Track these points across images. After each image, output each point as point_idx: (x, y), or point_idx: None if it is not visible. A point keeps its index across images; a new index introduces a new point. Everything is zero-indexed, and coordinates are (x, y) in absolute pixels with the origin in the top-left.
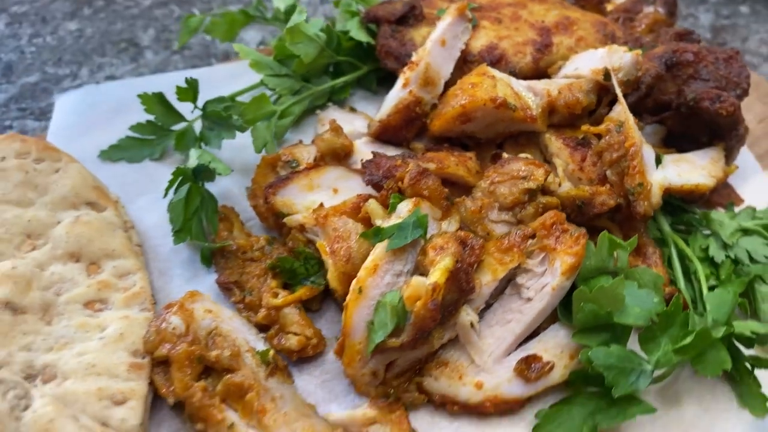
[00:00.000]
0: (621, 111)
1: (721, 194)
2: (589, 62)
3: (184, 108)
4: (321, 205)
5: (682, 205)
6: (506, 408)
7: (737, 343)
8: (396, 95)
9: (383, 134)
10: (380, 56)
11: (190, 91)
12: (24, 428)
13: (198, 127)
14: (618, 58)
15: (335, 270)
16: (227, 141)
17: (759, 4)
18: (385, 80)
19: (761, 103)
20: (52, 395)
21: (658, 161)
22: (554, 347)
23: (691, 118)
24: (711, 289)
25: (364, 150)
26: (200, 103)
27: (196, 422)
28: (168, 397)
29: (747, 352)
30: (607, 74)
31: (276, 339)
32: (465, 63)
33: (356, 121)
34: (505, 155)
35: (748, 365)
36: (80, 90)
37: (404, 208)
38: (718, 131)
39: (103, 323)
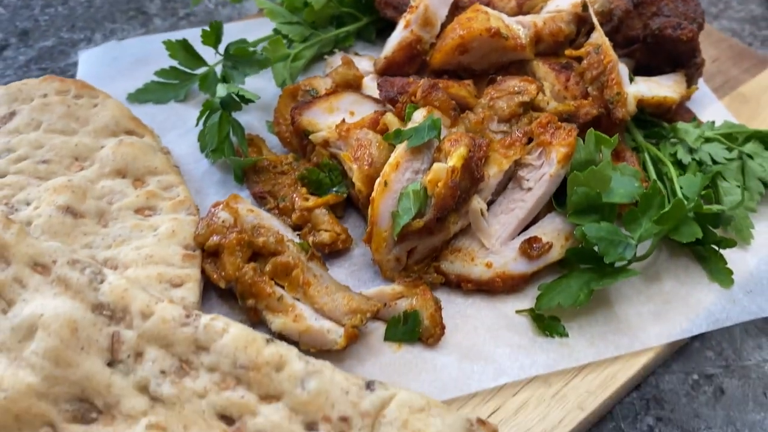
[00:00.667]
0: (598, 36)
1: (685, 118)
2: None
3: (206, 55)
4: (343, 120)
5: (652, 120)
6: (513, 284)
7: (708, 227)
8: (399, 35)
9: (388, 70)
10: (379, 7)
11: (213, 34)
12: (102, 297)
13: (219, 71)
14: None
15: (360, 173)
16: (246, 84)
17: None
18: (383, 32)
19: (713, 48)
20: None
21: (631, 79)
22: (552, 231)
23: (656, 48)
24: None
25: (371, 85)
26: (221, 49)
27: (248, 298)
28: (219, 282)
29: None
30: (584, 5)
31: (310, 236)
32: (457, 9)
33: (362, 63)
34: (500, 78)
35: (715, 247)
36: (102, 46)
37: (419, 115)
38: (679, 59)
39: (155, 224)
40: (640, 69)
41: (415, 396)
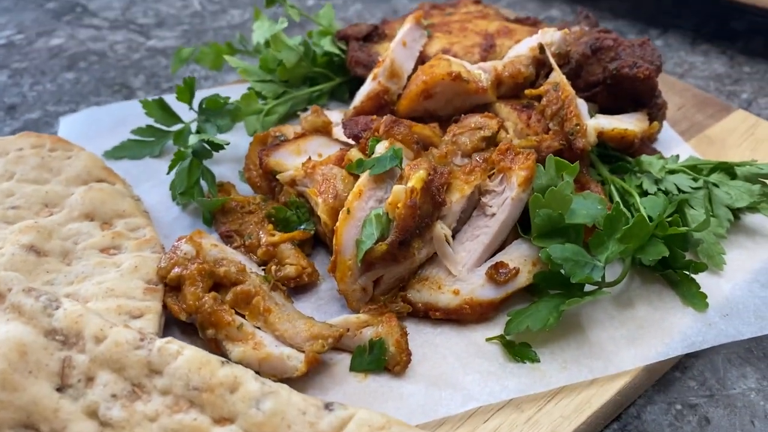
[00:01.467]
0: (556, 75)
1: (649, 154)
2: (526, 45)
3: (182, 113)
4: (309, 158)
5: (617, 155)
6: (481, 311)
7: (676, 249)
8: (367, 86)
9: None
10: (350, 66)
11: (187, 90)
12: (56, 322)
13: (194, 128)
14: (549, 35)
15: (325, 206)
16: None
17: (670, 38)
18: (356, 91)
19: (678, 96)
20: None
21: (591, 114)
22: (518, 257)
23: (616, 89)
24: None
25: (340, 133)
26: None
27: (208, 328)
28: (180, 315)
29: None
30: (541, 48)
31: (275, 271)
32: (423, 63)
33: (332, 115)
34: (462, 116)
35: (686, 272)
36: (83, 111)
37: (382, 146)
38: (640, 99)
39: (118, 261)
40: (604, 113)
41: (375, 415)
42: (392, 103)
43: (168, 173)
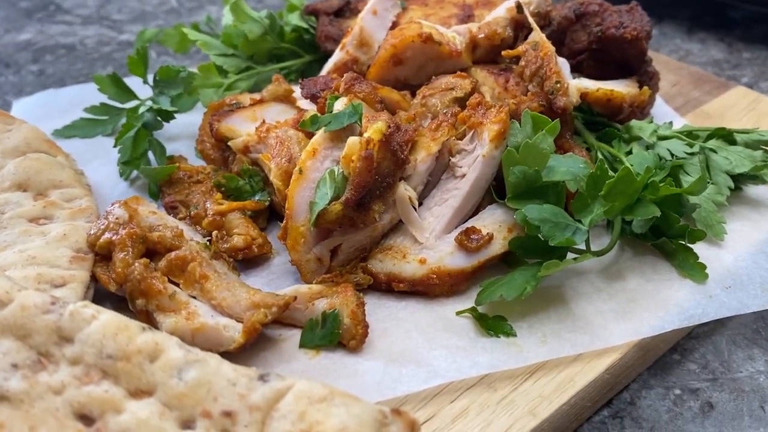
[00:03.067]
0: (535, 35)
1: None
2: (503, 6)
3: (138, 90)
4: (263, 122)
5: (604, 122)
6: (451, 282)
7: (670, 213)
8: (335, 57)
9: None
10: (320, 41)
11: (140, 62)
12: None
13: (148, 105)
14: None
15: (277, 169)
16: (176, 119)
17: (666, 27)
18: None
19: (673, 74)
20: None
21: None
22: (492, 222)
23: (603, 56)
24: None
25: (306, 107)
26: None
27: (137, 298)
28: (109, 285)
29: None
30: (519, 6)
31: (221, 242)
32: None
33: (298, 89)
34: (433, 77)
35: (683, 242)
36: (37, 94)
37: (341, 102)
38: (628, 65)
39: (46, 230)
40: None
41: (316, 385)
42: (362, 74)
43: (115, 146)
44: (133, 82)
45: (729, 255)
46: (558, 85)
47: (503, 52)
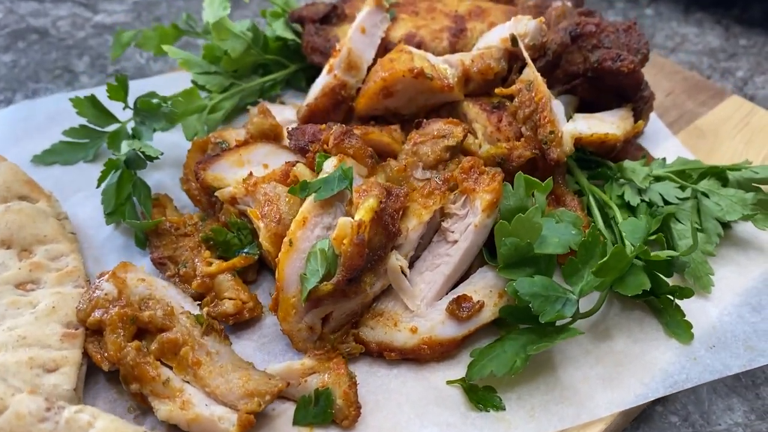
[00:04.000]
0: (530, 72)
1: (635, 156)
2: (497, 34)
3: (117, 112)
4: (251, 174)
5: (597, 160)
6: (442, 350)
7: (659, 276)
8: (322, 80)
9: (311, 118)
10: (306, 52)
11: (120, 89)
12: None
13: (131, 128)
14: (523, 25)
15: (267, 231)
16: (160, 139)
17: (662, 6)
18: (314, 79)
19: (667, 80)
20: None
21: (569, 116)
22: (483, 288)
23: (598, 83)
24: None
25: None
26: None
27: (131, 383)
28: (102, 364)
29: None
30: (514, 39)
31: (212, 306)
32: (386, 51)
33: (285, 111)
34: (425, 121)
35: (671, 297)
36: (12, 107)
37: (330, 164)
38: (624, 94)
39: (34, 300)
40: (585, 105)
41: None
42: (350, 98)
43: (98, 186)
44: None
45: (715, 309)
46: (552, 136)
47: (497, 90)
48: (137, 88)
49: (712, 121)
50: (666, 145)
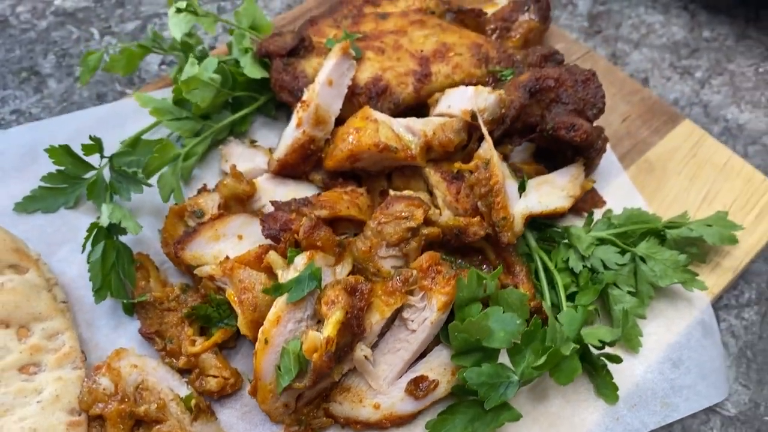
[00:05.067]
0: (487, 149)
1: (585, 199)
2: (459, 101)
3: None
4: (227, 257)
5: (546, 222)
6: (401, 423)
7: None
8: (291, 134)
9: (282, 171)
10: (275, 90)
11: (95, 146)
12: None
13: (107, 173)
14: (483, 99)
15: (244, 319)
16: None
17: None
18: (284, 105)
19: (625, 102)
20: None
21: (522, 188)
22: (438, 366)
23: (553, 143)
24: (571, 295)
25: (265, 186)
26: (109, 150)
27: None
28: None
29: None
30: (473, 116)
31: (197, 382)
32: (353, 95)
33: (257, 158)
34: (391, 192)
35: (601, 360)
36: None
37: (300, 261)
38: (578, 151)
39: (39, 387)
40: (541, 153)
41: None
42: (319, 150)
43: (82, 252)
44: None
45: (641, 366)
46: (504, 222)
47: (456, 165)
48: (111, 113)
49: (662, 153)
50: (617, 181)
